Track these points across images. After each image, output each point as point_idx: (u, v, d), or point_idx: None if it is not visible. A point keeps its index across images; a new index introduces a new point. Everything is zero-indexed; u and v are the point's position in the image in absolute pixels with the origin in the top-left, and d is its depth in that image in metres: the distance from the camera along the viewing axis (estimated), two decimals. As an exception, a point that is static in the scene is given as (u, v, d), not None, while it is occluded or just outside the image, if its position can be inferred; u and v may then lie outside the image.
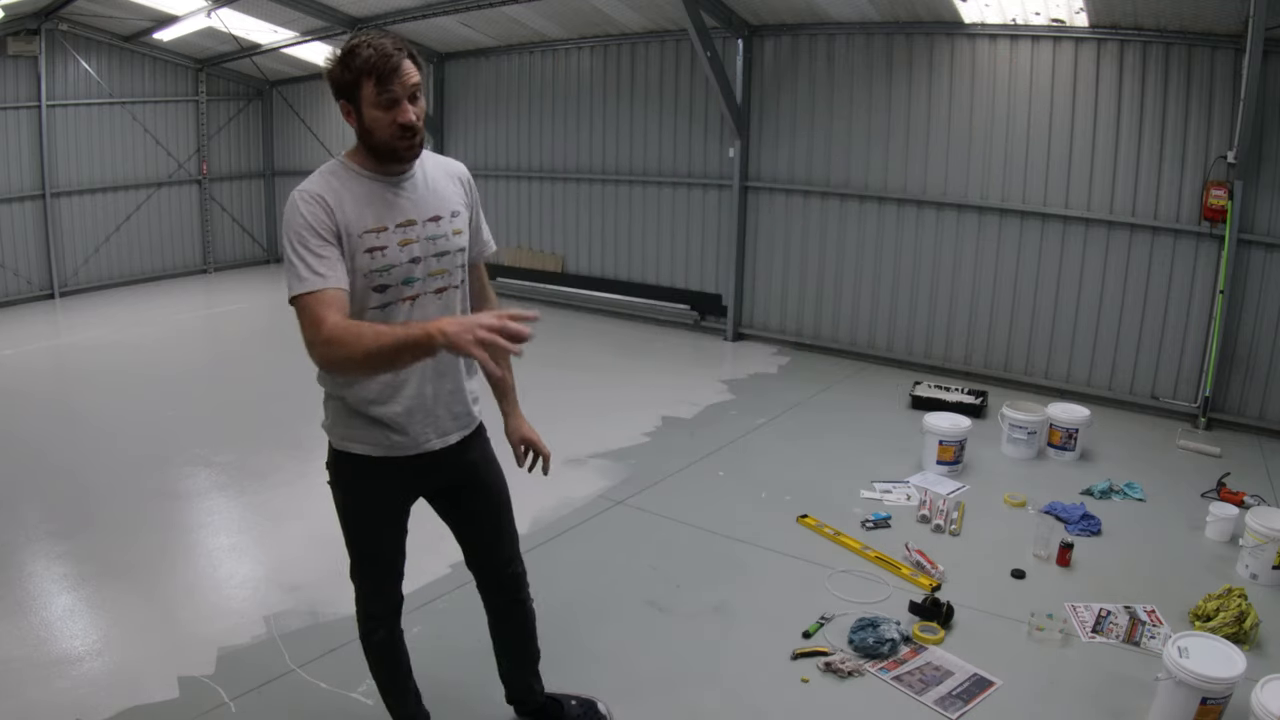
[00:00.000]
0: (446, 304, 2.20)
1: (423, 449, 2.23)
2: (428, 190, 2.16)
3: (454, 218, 2.20)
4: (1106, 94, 5.98)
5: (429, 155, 2.21)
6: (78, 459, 5.17)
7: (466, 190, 2.29)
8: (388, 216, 2.07)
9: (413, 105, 2.00)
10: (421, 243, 2.12)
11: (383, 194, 2.08)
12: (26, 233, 9.48)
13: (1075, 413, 5.18)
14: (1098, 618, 3.43)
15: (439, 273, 2.16)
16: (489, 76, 9.54)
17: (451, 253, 2.19)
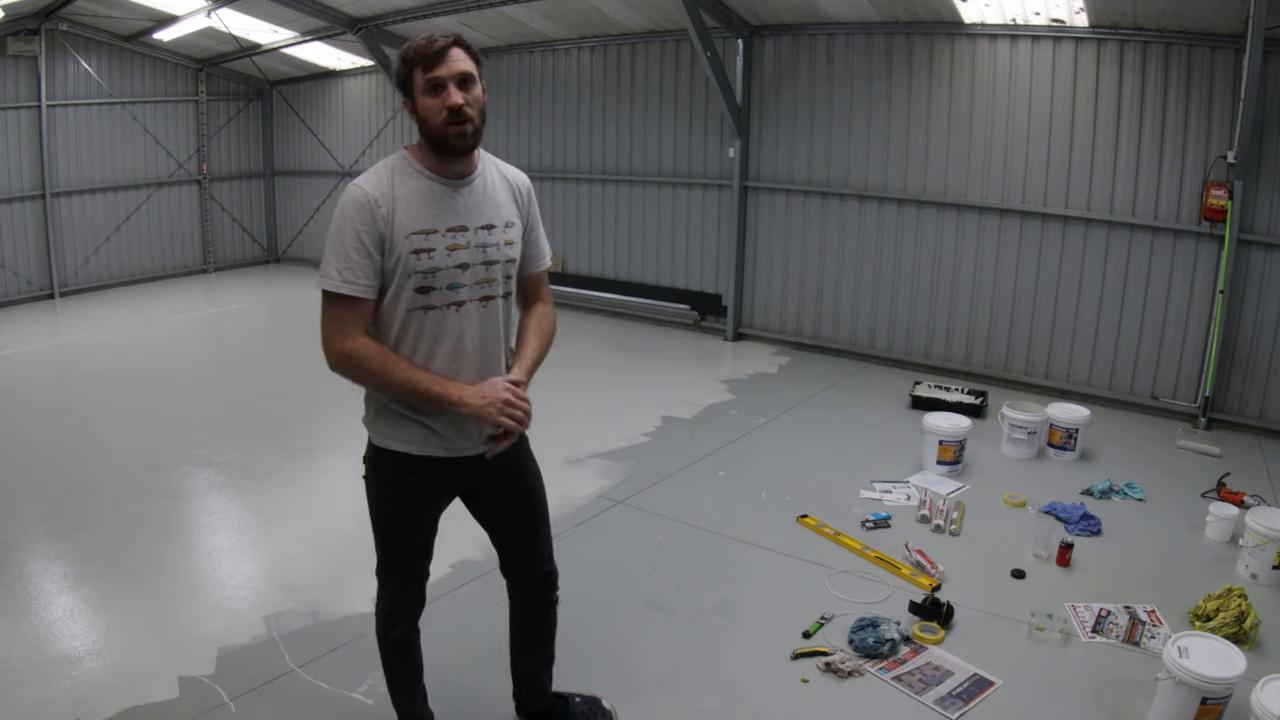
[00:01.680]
0: (491, 313, 2.19)
1: (465, 452, 2.22)
2: (484, 197, 2.16)
3: (507, 228, 2.19)
4: (1106, 94, 5.98)
5: (493, 162, 2.22)
6: (77, 459, 5.17)
7: (525, 201, 2.28)
8: (440, 219, 2.08)
9: (461, 90, 2.01)
10: (471, 250, 2.12)
11: (439, 196, 2.10)
12: (26, 233, 9.48)
13: (1075, 413, 5.18)
14: (1098, 618, 3.43)
15: (485, 281, 2.15)
16: (489, 76, 9.53)
17: (500, 263, 2.18)
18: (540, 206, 2.39)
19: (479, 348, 2.18)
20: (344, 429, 5.96)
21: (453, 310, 2.12)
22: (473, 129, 2.05)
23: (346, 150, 11.16)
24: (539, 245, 2.36)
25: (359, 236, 2.02)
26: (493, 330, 2.21)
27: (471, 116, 2.03)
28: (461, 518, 2.57)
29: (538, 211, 2.35)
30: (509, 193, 2.23)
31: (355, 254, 2.02)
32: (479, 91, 2.06)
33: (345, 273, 2.02)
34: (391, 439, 2.19)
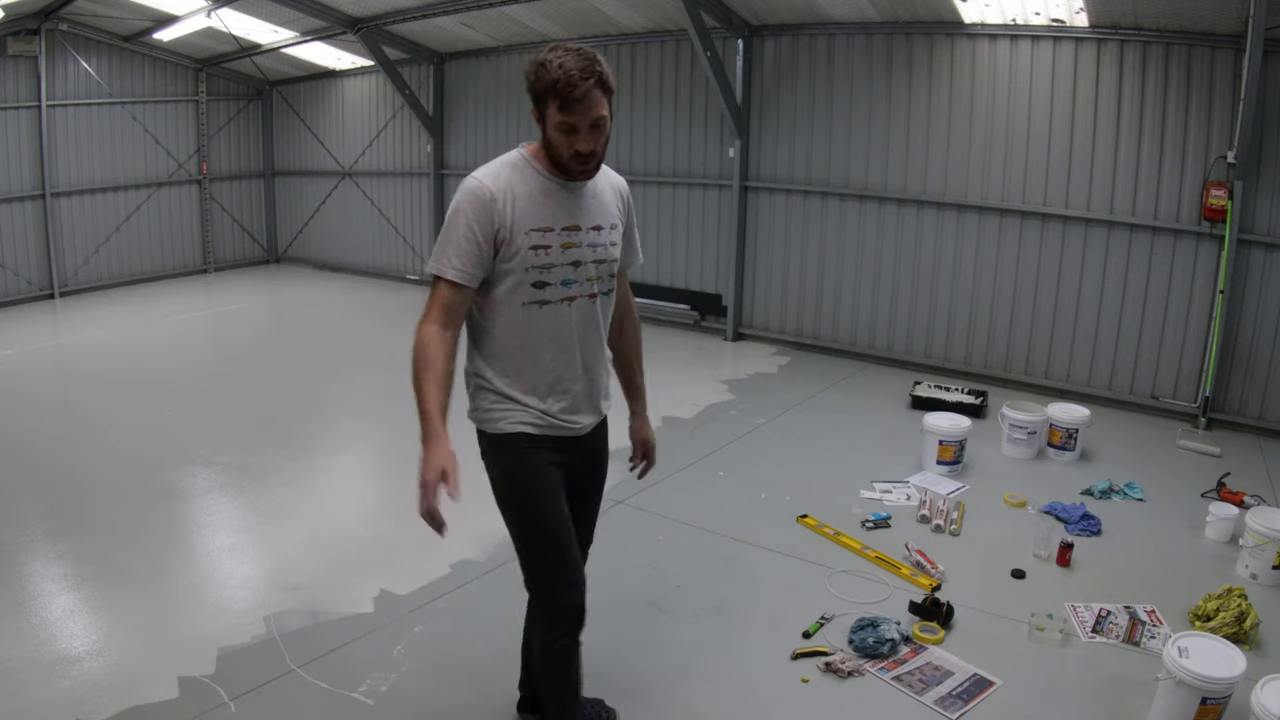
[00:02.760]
0: (601, 309, 2.32)
1: (571, 433, 2.32)
2: (594, 199, 2.26)
3: (612, 229, 2.30)
4: (1106, 94, 5.98)
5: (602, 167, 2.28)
6: (77, 459, 5.17)
7: (624, 204, 2.38)
8: (555, 218, 2.17)
9: (593, 133, 2.07)
10: (583, 249, 2.21)
11: (555, 195, 2.18)
12: (26, 233, 9.48)
13: (1075, 413, 5.18)
14: (1098, 618, 3.42)
15: (594, 279, 2.25)
16: (489, 76, 9.55)
17: (608, 262, 2.28)
18: None
19: (584, 341, 2.29)
20: (344, 429, 6.00)
21: (565, 305, 2.21)
22: (595, 164, 2.15)
23: (346, 150, 11.16)
24: (634, 244, 2.48)
25: (471, 227, 2.09)
26: (600, 323, 2.33)
27: (599, 154, 2.13)
28: (462, 517, 2.56)
29: (634, 213, 2.45)
30: (613, 196, 2.33)
31: (466, 243, 2.10)
32: (608, 128, 2.12)
33: (454, 259, 2.11)
34: (508, 422, 2.26)
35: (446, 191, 10.24)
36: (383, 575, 3.74)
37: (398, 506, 4.62)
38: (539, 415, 2.26)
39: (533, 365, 2.23)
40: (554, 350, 2.24)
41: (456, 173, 10.06)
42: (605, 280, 2.30)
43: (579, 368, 2.29)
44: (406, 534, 4.17)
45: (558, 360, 2.24)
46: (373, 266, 11.27)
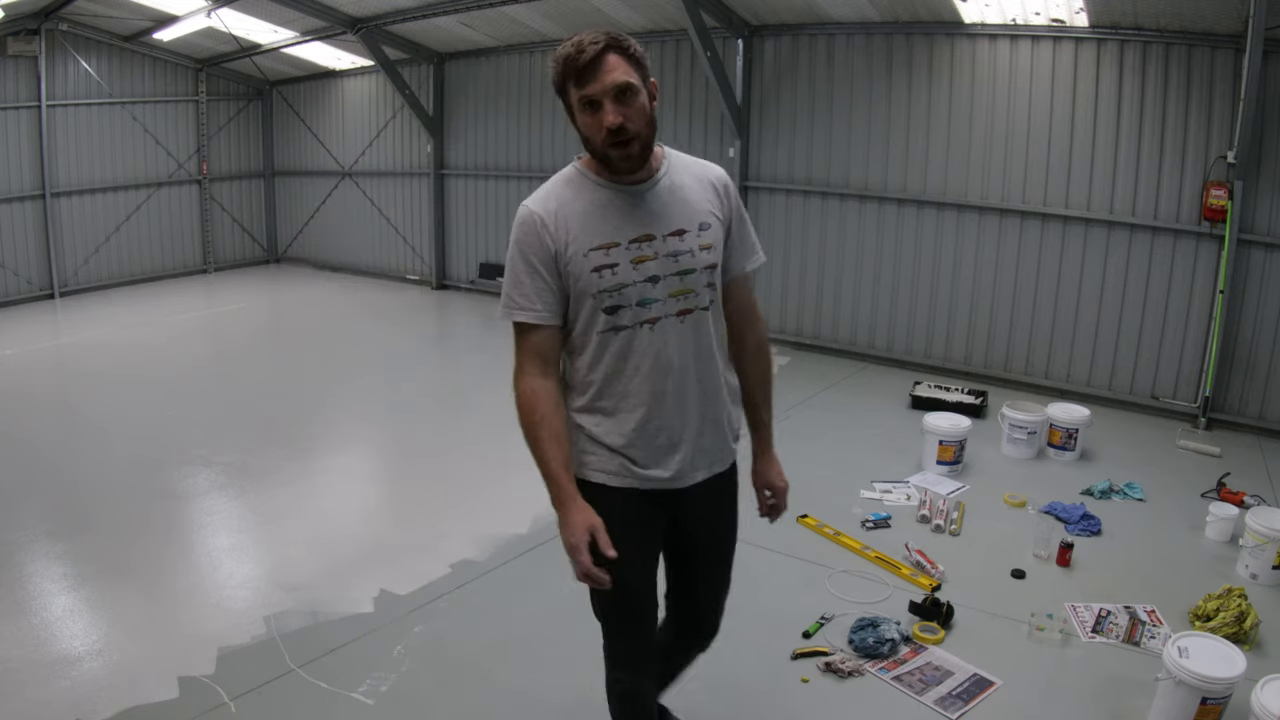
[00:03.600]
0: (694, 328, 1.93)
1: (666, 486, 2.00)
2: (672, 199, 1.91)
3: (702, 231, 1.92)
4: (1106, 94, 5.98)
5: (679, 158, 1.98)
6: (78, 459, 5.17)
7: (722, 197, 1.99)
8: (621, 231, 1.87)
9: (619, 105, 1.78)
10: (661, 260, 1.88)
11: (619, 205, 1.88)
12: (26, 233, 9.48)
13: (1075, 413, 5.18)
14: (1098, 618, 3.42)
15: (681, 293, 1.90)
16: (489, 76, 9.54)
17: (697, 271, 1.91)
18: None
19: (686, 366, 1.94)
20: (344, 429, 6.00)
21: (646, 329, 1.89)
22: (639, 146, 1.82)
23: (346, 150, 11.16)
24: (747, 242, 2.06)
25: (529, 260, 1.87)
26: (701, 346, 1.96)
27: (636, 133, 1.80)
28: (463, 517, 2.56)
29: (742, 205, 2.05)
30: (704, 190, 1.96)
31: (529, 278, 1.87)
32: (643, 100, 1.80)
33: (519, 299, 1.88)
34: (587, 467, 1.98)
35: (446, 191, 10.24)
36: (383, 575, 3.74)
37: (398, 506, 4.63)
38: (621, 465, 1.96)
39: (618, 404, 1.93)
40: (638, 384, 1.91)
41: (456, 173, 10.06)
42: (699, 293, 1.92)
43: (672, 405, 1.93)
44: (406, 534, 4.18)
45: (643, 396, 1.91)
46: (373, 266, 11.27)
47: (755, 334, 2.12)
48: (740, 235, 2.05)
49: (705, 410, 1.99)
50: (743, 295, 2.10)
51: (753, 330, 2.11)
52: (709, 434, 2.01)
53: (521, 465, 2.53)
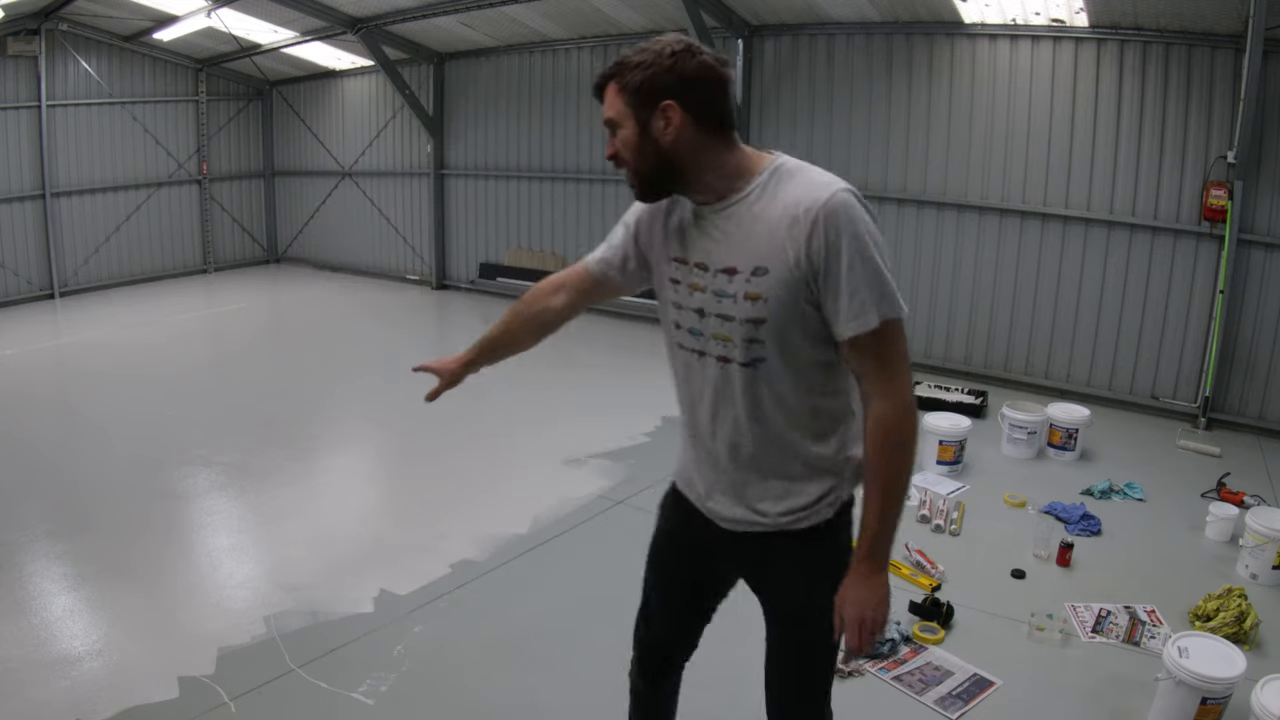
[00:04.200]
0: (737, 381, 1.69)
1: (698, 504, 1.87)
2: (738, 230, 1.63)
3: (755, 276, 1.60)
4: (1106, 94, 5.98)
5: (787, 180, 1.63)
6: (78, 459, 5.17)
7: (804, 236, 1.55)
8: (689, 250, 1.71)
9: (611, 136, 1.68)
10: (709, 295, 1.67)
11: (697, 220, 1.71)
12: (26, 233, 9.48)
13: (1075, 413, 5.18)
14: (1098, 618, 3.42)
15: (721, 338, 1.68)
16: (489, 76, 9.54)
17: (736, 321, 1.64)
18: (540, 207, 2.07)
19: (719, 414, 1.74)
20: (344, 429, 6.00)
21: (696, 358, 1.74)
22: (636, 179, 1.68)
23: (346, 150, 11.16)
24: (847, 298, 1.56)
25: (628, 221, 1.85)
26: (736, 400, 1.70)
27: (628, 165, 1.67)
28: (463, 517, 2.56)
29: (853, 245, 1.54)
30: (782, 224, 1.58)
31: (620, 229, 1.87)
32: (627, 134, 1.64)
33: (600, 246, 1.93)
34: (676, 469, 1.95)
35: (446, 191, 10.24)
36: (383, 575, 3.74)
37: (398, 506, 4.63)
38: (682, 468, 1.91)
39: (682, 407, 1.86)
40: (689, 402, 1.81)
41: (456, 173, 10.06)
42: (738, 346, 1.65)
43: (708, 438, 1.78)
44: (406, 534, 4.18)
45: (692, 415, 1.82)
46: (373, 266, 11.27)
47: (871, 417, 1.63)
48: (834, 288, 1.56)
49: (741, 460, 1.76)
50: (854, 366, 1.64)
51: (869, 411, 1.64)
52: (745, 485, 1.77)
53: (521, 465, 2.55)
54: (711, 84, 1.61)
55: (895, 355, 1.60)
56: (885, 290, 1.55)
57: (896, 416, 1.60)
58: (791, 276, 1.58)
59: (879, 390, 1.61)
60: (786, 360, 1.65)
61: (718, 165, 1.65)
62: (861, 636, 1.72)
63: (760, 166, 1.66)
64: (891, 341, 1.58)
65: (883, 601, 1.71)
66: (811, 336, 1.63)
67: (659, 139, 1.61)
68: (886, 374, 1.60)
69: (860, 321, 1.56)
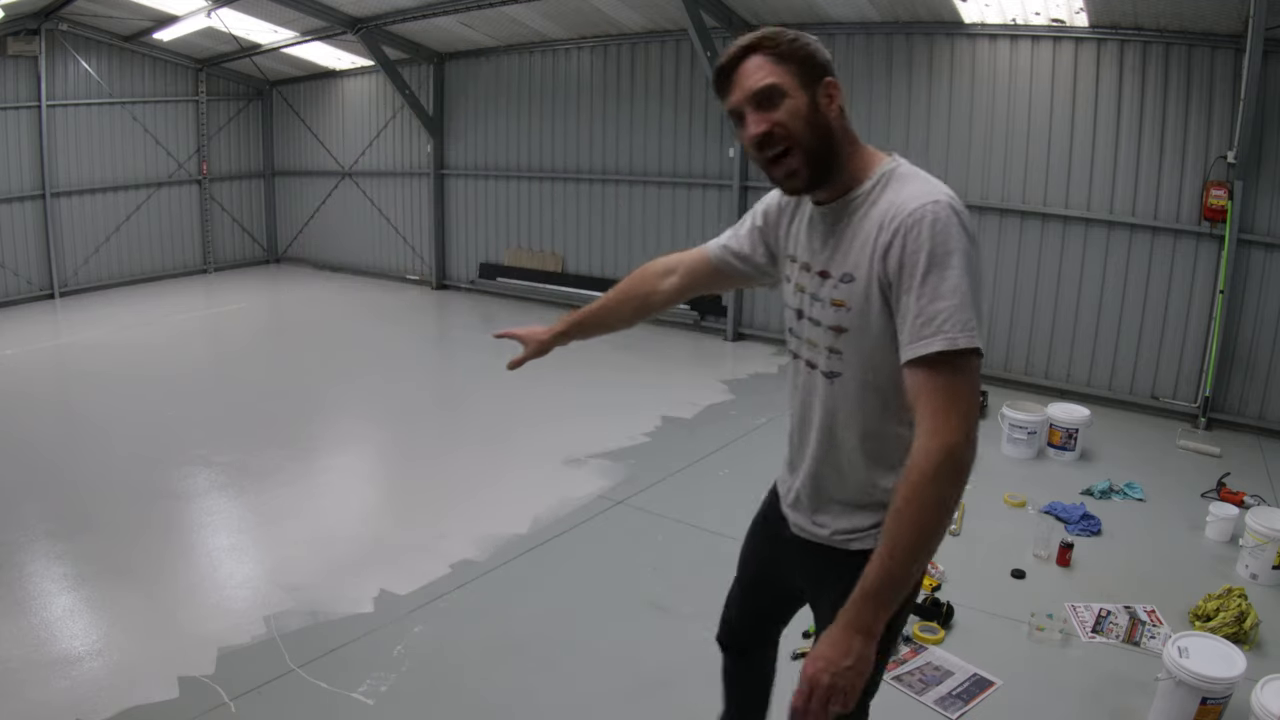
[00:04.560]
0: (817, 387, 1.64)
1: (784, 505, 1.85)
2: (840, 234, 1.57)
3: (842, 283, 1.54)
4: (1106, 94, 5.98)
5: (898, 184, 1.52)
6: (78, 459, 5.17)
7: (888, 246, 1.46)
8: (801, 249, 1.67)
9: (764, 112, 1.50)
10: (807, 297, 1.63)
11: (816, 221, 1.64)
12: (26, 233, 9.48)
13: (1075, 413, 5.18)
14: (1098, 618, 3.43)
15: (809, 343, 1.64)
16: (489, 76, 9.54)
17: (822, 326, 1.59)
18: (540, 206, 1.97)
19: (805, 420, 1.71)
20: (344, 429, 6.00)
21: (792, 358, 1.74)
22: (800, 159, 1.51)
23: (346, 150, 11.16)
24: (906, 318, 1.44)
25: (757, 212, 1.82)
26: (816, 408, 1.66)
27: (793, 140, 1.49)
28: (463, 517, 2.56)
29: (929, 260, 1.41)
30: (874, 231, 1.49)
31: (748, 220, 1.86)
32: (797, 104, 1.48)
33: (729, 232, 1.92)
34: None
35: (446, 191, 10.24)
36: (383, 575, 3.74)
37: (398, 506, 4.63)
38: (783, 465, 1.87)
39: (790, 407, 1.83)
40: (790, 399, 1.78)
41: (456, 173, 10.07)
42: (824, 355, 1.59)
43: (795, 440, 1.77)
44: (406, 534, 4.18)
45: (792, 415, 1.78)
46: (373, 266, 11.27)
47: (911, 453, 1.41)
48: (904, 305, 1.44)
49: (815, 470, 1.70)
50: (912, 389, 1.44)
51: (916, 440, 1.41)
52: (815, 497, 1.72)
53: (521, 465, 2.54)
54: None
55: (956, 391, 1.39)
56: (958, 316, 1.38)
57: (929, 468, 1.37)
58: (871, 287, 1.49)
59: (926, 426, 1.39)
60: (863, 378, 1.56)
61: (851, 158, 1.56)
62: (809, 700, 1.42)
63: (875, 168, 1.57)
64: (954, 374, 1.39)
65: (852, 669, 1.41)
66: (888, 357, 1.50)
67: (827, 114, 1.51)
68: (941, 410, 1.39)
69: (921, 345, 1.40)
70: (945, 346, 1.38)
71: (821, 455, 1.67)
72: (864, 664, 1.42)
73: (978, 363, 1.41)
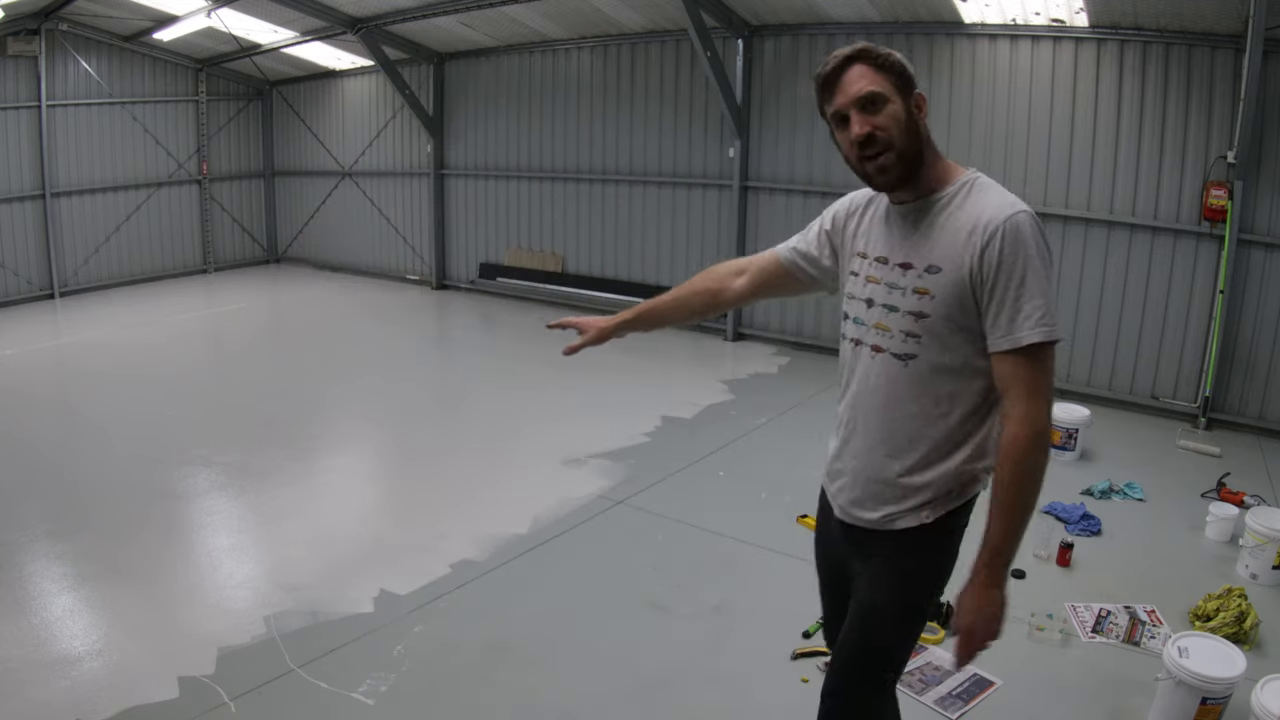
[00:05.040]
0: (881, 370, 1.78)
1: (829, 490, 1.98)
2: (927, 230, 1.74)
3: (927, 273, 1.71)
4: (1106, 94, 5.98)
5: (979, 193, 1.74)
6: (78, 459, 5.17)
7: (977, 247, 1.65)
8: (875, 245, 1.83)
9: (866, 115, 1.68)
10: (882, 287, 1.78)
11: (889, 220, 1.82)
12: (26, 233, 9.48)
13: (1075, 413, 5.18)
14: (1098, 618, 3.42)
15: (881, 328, 1.78)
16: (489, 76, 9.54)
17: (900, 312, 1.74)
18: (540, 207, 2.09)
19: (860, 404, 1.84)
20: (344, 429, 6.00)
21: (852, 346, 1.86)
22: (894, 158, 1.70)
23: (346, 150, 11.16)
24: (1000, 314, 1.64)
25: (824, 217, 2.02)
26: (878, 391, 1.79)
27: (889, 142, 1.69)
28: (463, 517, 2.56)
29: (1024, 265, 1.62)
30: (961, 232, 1.68)
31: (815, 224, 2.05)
32: (896, 109, 1.69)
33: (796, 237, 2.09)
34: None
35: (446, 191, 10.24)
36: (383, 575, 3.74)
37: (398, 506, 4.63)
38: (827, 463, 1.99)
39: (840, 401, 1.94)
40: (842, 389, 1.92)
41: (456, 173, 10.07)
42: (895, 336, 1.74)
43: (845, 424, 1.89)
44: (406, 534, 4.18)
45: (844, 405, 1.91)
46: (373, 266, 11.27)
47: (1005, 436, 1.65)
48: (996, 302, 1.64)
49: (871, 456, 1.83)
50: (999, 379, 1.67)
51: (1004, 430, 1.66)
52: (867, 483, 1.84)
53: (521, 465, 2.54)
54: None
55: (1040, 380, 1.64)
56: (1044, 315, 1.61)
57: (1027, 443, 1.62)
58: (960, 281, 1.67)
59: (1017, 412, 1.64)
60: (936, 361, 1.72)
61: (932, 164, 1.78)
62: (970, 646, 1.77)
63: (957, 176, 1.78)
64: (1039, 364, 1.63)
65: (995, 616, 1.76)
66: (963, 346, 1.70)
67: (917, 122, 1.73)
68: (1028, 397, 1.63)
69: (1013, 338, 1.62)
70: (1042, 339, 1.61)
71: (875, 435, 1.81)
72: (1002, 610, 1.76)
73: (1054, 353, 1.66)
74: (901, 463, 1.79)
